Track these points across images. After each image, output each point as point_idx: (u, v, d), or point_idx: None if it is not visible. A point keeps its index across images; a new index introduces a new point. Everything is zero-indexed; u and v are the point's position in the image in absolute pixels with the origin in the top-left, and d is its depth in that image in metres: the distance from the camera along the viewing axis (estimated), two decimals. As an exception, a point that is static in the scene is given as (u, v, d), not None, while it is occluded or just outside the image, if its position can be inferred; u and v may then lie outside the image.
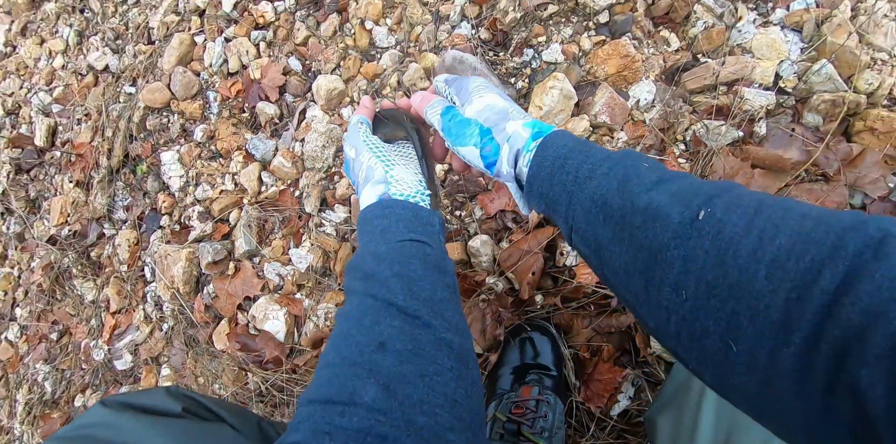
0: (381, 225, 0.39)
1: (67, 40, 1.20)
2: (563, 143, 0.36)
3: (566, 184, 0.34)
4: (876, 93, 0.66)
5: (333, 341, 0.34)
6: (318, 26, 0.84)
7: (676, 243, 0.27)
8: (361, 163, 0.45)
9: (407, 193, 0.42)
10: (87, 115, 1.11)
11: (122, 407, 0.41)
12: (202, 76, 0.94)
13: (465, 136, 0.41)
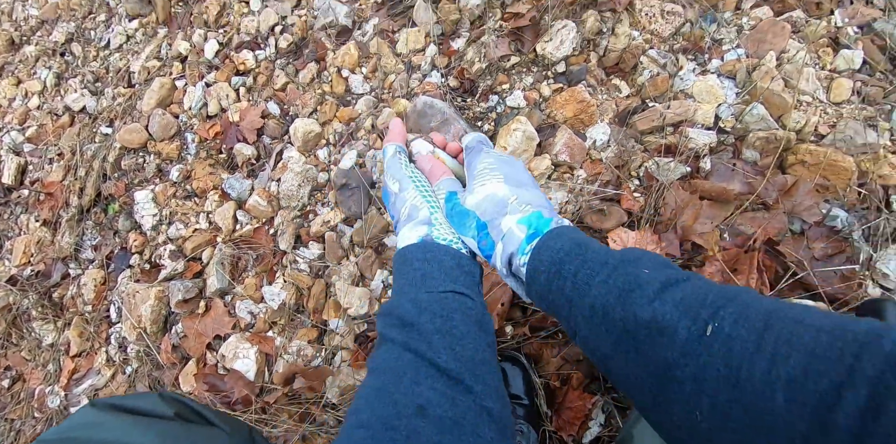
0: (423, 270, 0.38)
1: (45, 82, 1.24)
2: (558, 246, 0.35)
3: (564, 290, 0.34)
4: (803, 130, 0.75)
5: (368, 396, 0.32)
6: (297, 73, 0.91)
7: (685, 360, 0.26)
8: (405, 200, 0.44)
9: (450, 238, 0.41)
10: (60, 154, 1.13)
11: (112, 409, 0.41)
12: (181, 118, 0.98)
13: (464, 226, 0.42)
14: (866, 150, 0.73)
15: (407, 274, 0.39)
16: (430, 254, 0.39)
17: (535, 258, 0.36)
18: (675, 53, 0.79)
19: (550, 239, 0.36)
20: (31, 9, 1.39)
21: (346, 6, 0.91)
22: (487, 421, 0.31)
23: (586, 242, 0.36)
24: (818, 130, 0.75)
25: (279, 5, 0.98)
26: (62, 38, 1.26)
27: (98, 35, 1.22)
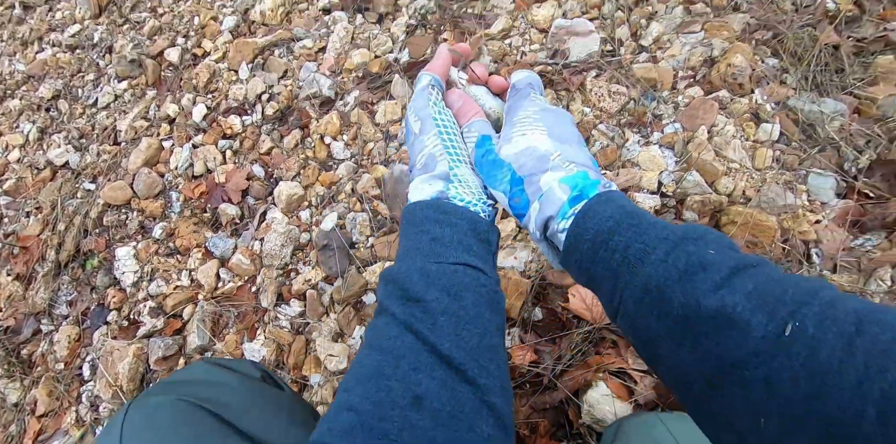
0: (434, 233, 0.35)
1: (28, 136, 1.28)
2: (607, 213, 0.32)
3: (611, 263, 0.31)
4: (733, 193, 0.86)
5: (361, 375, 0.31)
6: (282, 139, 0.99)
7: (758, 361, 0.23)
8: (424, 145, 0.40)
9: (468, 199, 0.38)
10: (38, 208, 1.16)
11: (219, 366, 0.52)
12: (166, 177, 1.04)
13: (494, 178, 0.38)
14: (787, 210, 0.85)
15: (415, 237, 0.36)
16: (444, 215, 0.36)
17: (578, 224, 0.32)
18: (621, 127, 0.91)
19: (598, 204, 0.32)
20: (17, 64, 1.46)
21: (329, 79, 1.01)
22: (487, 415, 0.30)
23: (638, 211, 0.32)
24: (745, 194, 0.87)
25: (266, 75, 1.07)
26: (49, 94, 1.32)
27: (86, 93, 1.28)
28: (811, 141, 0.93)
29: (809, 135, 0.94)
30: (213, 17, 1.23)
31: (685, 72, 0.95)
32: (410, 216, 0.37)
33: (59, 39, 1.44)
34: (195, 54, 1.19)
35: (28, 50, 1.47)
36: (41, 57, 1.43)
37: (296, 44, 1.10)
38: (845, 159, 0.91)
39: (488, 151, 0.39)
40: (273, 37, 1.10)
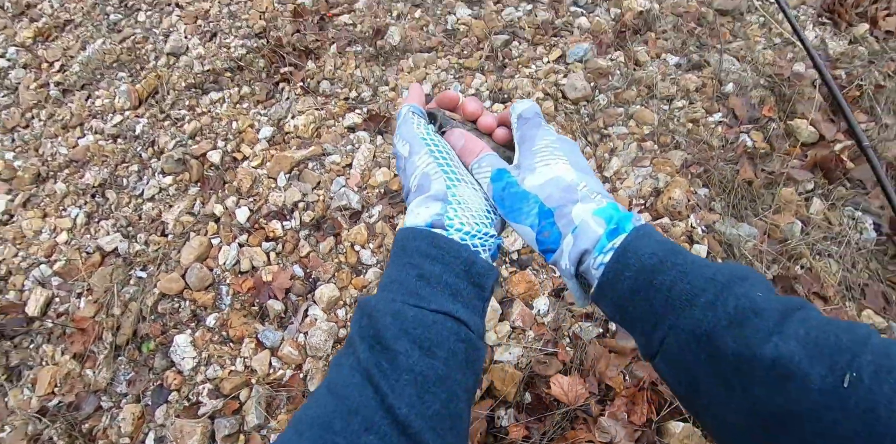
0: (423, 268, 0.34)
1: (75, 220, 1.46)
2: (649, 250, 0.31)
3: (654, 304, 0.30)
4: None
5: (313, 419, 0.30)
6: (318, 244, 1.23)
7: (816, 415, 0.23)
8: (416, 166, 0.40)
9: (468, 229, 0.36)
10: (89, 290, 1.34)
11: None
12: (215, 271, 1.25)
13: (520, 212, 0.37)
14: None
15: (402, 269, 0.35)
16: (437, 251, 0.35)
17: (618, 260, 0.32)
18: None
19: (638, 239, 0.32)
20: (60, 147, 1.64)
21: (356, 194, 1.26)
22: None
23: (678, 247, 0.32)
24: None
25: (302, 185, 1.31)
26: (94, 182, 1.51)
27: (131, 184, 1.48)
28: (731, 258, 1.24)
29: (730, 253, 1.25)
30: (251, 125, 1.47)
31: (638, 200, 1.25)
32: (402, 243, 0.36)
33: (101, 127, 1.64)
34: (235, 157, 1.42)
35: (69, 134, 1.66)
36: (83, 143, 1.62)
37: (326, 158, 1.35)
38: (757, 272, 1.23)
39: (509, 184, 0.38)
40: (307, 152, 1.34)
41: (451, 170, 0.39)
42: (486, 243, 0.37)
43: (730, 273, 0.29)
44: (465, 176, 0.40)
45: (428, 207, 0.37)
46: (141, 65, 1.81)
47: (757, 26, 1.71)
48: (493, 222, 0.39)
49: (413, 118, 0.43)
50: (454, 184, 0.38)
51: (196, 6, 1.92)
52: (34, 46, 2.10)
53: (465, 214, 0.37)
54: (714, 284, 0.29)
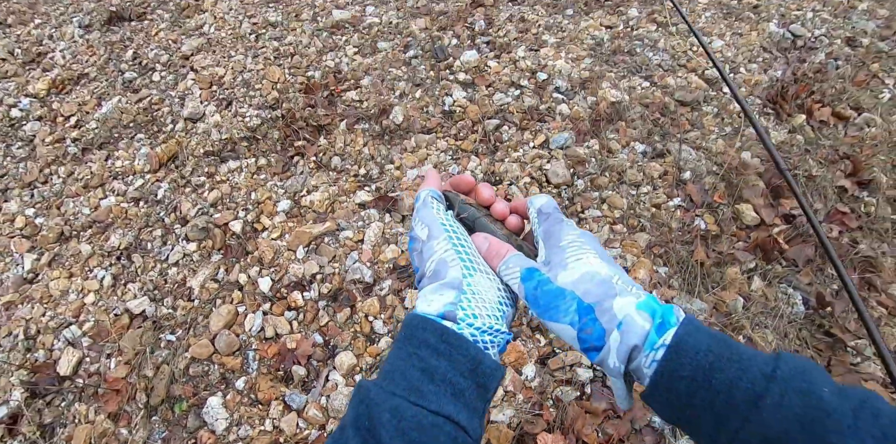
0: (429, 362, 0.34)
1: (102, 281, 1.60)
2: (704, 346, 0.31)
3: (715, 406, 0.30)
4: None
5: None
6: (335, 314, 1.42)
7: None
8: (433, 251, 0.41)
9: (479, 324, 0.36)
10: (120, 351, 1.48)
11: None
12: (242, 338, 1.42)
13: (557, 310, 0.36)
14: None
15: (407, 359, 0.35)
16: (445, 346, 0.35)
17: (672, 359, 0.31)
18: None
19: (689, 335, 0.32)
20: (82, 207, 1.77)
21: (368, 269, 1.46)
22: None
23: (729, 339, 0.32)
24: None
25: (319, 258, 1.51)
26: (119, 244, 1.65)
27: (155, 248, 1.63)
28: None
29: (683, 322, 1.51)
30: (269, 197, 1.65)
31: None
32: (411, 331, 0.36)
33: (123, 189, 1.78)
34: (255, 228, 1.60)
35: (91, 194, 1.79)
36: (105, 204, 1.76)
37: (340, 233, 1.55)
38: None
39: (542, 282, 0.37)
40: (323, 228, 1.54)
41: (468, 258, 0.40)
42: (495, 340, 0.37)
43: (789, 368, 0.29)
44: (482, 266, 0.41)
45: (442, 294, 0.38)
46: (158, 127, 1.96)
47: (711, 116, 2.02)
48: (505, 314, 0.39)
49: (433, 203, 0.45)
50: (470, 273, 0.39)
51: (210, 71, 2.10)
52: (48, 99, 2.22)
53: (478, 305, 0.37)
54: (776, 382, 0.29)
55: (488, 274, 0.41)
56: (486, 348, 0.37)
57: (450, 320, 0.37)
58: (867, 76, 2.23)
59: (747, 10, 2.54)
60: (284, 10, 2.47)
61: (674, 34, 2.35)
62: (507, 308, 0.40)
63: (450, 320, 0.37)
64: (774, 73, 2.24)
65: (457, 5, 2.48)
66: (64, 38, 2.63)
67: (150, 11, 2.71)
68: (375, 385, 0.34)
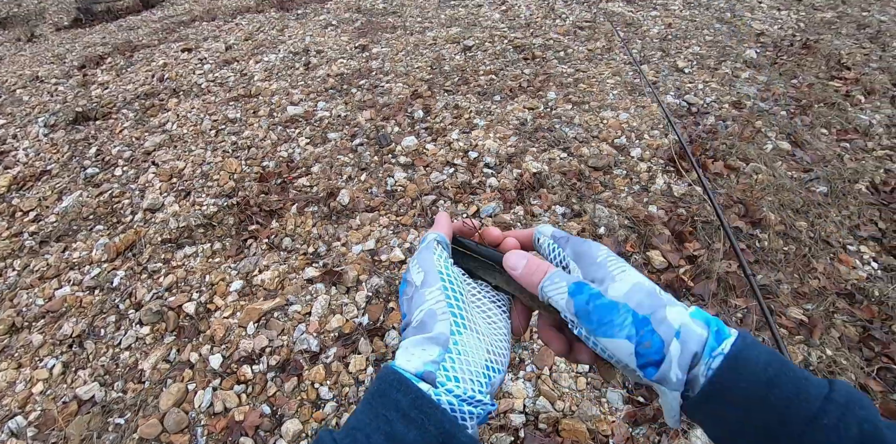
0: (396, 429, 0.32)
1: (51, 370, 1.68)
2: (764, 360, 0.31)
3: (770, 423, 0.30)
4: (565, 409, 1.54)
5: None
6: (283, 384, 1.54)
7: None
8: (424, 299, 0.39)
9: (459, 392, 0.34)
10: (65, 440, 1.53)
11: None
12: (191, 414, 1.51)
13: (611, 325, 0.34)
14: (594, 417, 1.53)
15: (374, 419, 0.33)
16: (417, 413, 0.32)
17: (732, 368, 0.31)
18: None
19: (748, 347, 0.32)
20: (36, 298, 1.89)
21: (315, 339, 1.62)
22: None
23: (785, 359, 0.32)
24: (572, 409, 1.56)
25: (268, 332, 1.65)
26: (72, 332, 1.76)
27: (109, 334, 1.74)
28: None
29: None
30: (222, 278, 1.82)
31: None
32: (383, 387, 0.34)
33: (79, 279, 1.92)
34: (208, 308, 1.75)
35: (46, 285, 1.92)
36: (60, 293, 1.88)
37: (289, 308, 1.71)
38: (627, 379, 1.66)
39: (593, 296, 0.36)
40: (273, 304, 1.70)
41: (460, 314, 0.38)
42: (475, 411, 0.35)
43: (845, 393, 0.30)
44: (474, 323, 0.39)
45: (424, 349, 0.36)
46: (118, 218, 2.15)
47: (621, 178, 2.36)
48: (490, 381, 0.37)
49: (437, 248, 0.43)
50: (460, 330, 0.37)
51: (171, 164, 2.35)
52: (8, 195, 2.40)
53: (462, 368, 0.35)
54: (834, 405, 0.29)
55: (479, 334, 0.39)
56: (464, 420, 0.34)
57: (428, 382, 0.35)
58: (752, 132, 2.67)
59: (647, 87, 3.03)
60: (243, 108, 2.81)
61: (587, 111, 2.78)
62: (494, 374, 0.38)
63: (428, 383, 0.35)
64: (673, 136, 2.65)
65: (398, 97, 2.88)
66: (28, 137, 2.87)
67: (116, 111, 3.01)
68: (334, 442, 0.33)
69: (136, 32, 4.96)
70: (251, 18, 4.83)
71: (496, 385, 0.38)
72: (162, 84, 3.42)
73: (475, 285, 0.45)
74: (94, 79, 3.69)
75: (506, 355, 0.40)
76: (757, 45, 3.44)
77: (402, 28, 4.04)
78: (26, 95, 3.56)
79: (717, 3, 4.05)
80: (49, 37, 5.39)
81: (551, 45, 3.45)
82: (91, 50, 4.45)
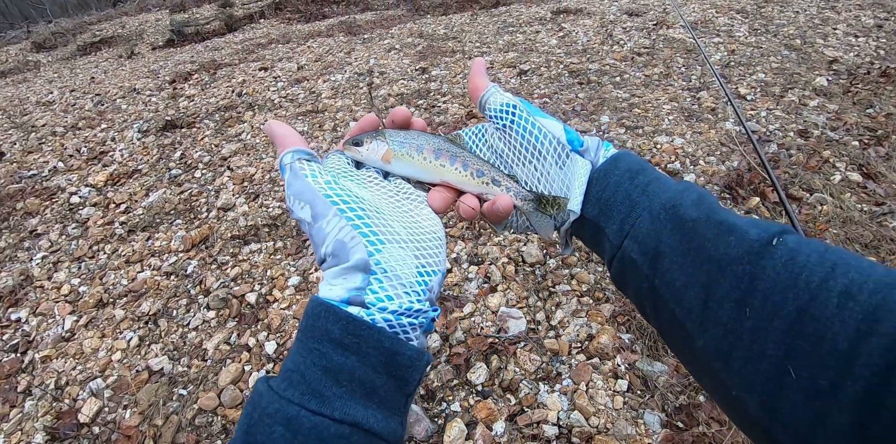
0: (332, 359, 0.31)
1: (129, 342, 1.92)
2: (635, 160, 0.44)
3: (632, 194, 0.40)
4: (599, 426, 1.58)
5: None
6: (329, 372, 1.68)
7: (749, 258, 0.31)
8: (325, 232, 0.36)
9: (394, 307, 0.33)
10: (136, 403, 1.74)
11: None
12: (245, 393, 1.68)
13: (545, 114, 0.45)
14: (630, 437, 1.57)
15: (308, 355, 0.32)
16: (352, 339, 0.31)
17: (610, 163, 0.44)
18: (537, 381, 1.66)
19: (628, 154, 0.45)
20: (121, 279, 2.16)
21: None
22: None
23: (651, 166, 0.44)
24: (606, 426, 1.60)
25: (320, 323, 1.82)
26: (149, 311, 2.00)
27: (179, 315, 1.98)
28: (647, 390, 1.71)
29: (647, 386, 1.72)
30: (282, 274, 2.02)
31: (576, 343, 1.76)
32: (311, 320, 0.33)
33: (158, 265, 2.19)
34: (268, 299, 1.95)
35: (130, 268, 2.20)
36: (141, 276, 2.15)
37: (340, 302, 1.87)
38: (667, 402, 1.68)
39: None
40: (326, 296, 1.88)
41: (371, 230, 0.35)
42: (415, 322, 0.34)
43: (690, 183, 0.40)
44: (392, 233, 0.36)
45: (346, 278, 0.34)
46: (195, 214, 2.43)
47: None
48: (427, 286, 0.36)
49: (304, 168, 0.38)
50: (377, 247, 0.35)
51: (243, 170, 2.63)
52: (105, 189, 2.77)
53: (392, 284, 0.34)
54: (682, 183, 0.40)
55: (401, 242, 0.36)
56: (406, 333, 0.34)
57: (356, 304, 0.33)
58: (819, 161, 2.63)
59: (706, 113, 3.07)
60: (310, 122, 3.10)
61: (640, 135, 2.85)
62: (429, 277, 0.36)
63: (356, 306, 0.33)
64: (731, 163, 2.66)
65: (454, 117, 3.07)
66: (124, 140, 3.29)
67: (199, 121, 3.40)
68: (269, 390, 0.31)
69: (219, 52, 5.54)
70: (321, 42, 5.28)
71: (436, 287, 0.37)
72: (240, 98, 3.82)
73: (388, 184, 0.43)
74: (182, 92, 4.17)
75: (439, 253, 0.38)
76: (829, 72, 3.40)
77: (461, 52, 4.30)
78: (125, 104, 4.07)
79: (786, 29, 4.04)
80: (146, 54, 6.11)
81: (607, 71, 3.57)
82: (181, 67, 5.01)
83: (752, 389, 0.29)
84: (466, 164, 0.45)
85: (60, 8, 11.49)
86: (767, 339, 0.28)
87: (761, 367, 0.28)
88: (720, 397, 0.32)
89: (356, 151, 0.44)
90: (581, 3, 5.43)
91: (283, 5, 7.46)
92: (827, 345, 0.25)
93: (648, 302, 0.38)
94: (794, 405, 0.26)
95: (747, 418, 0.30)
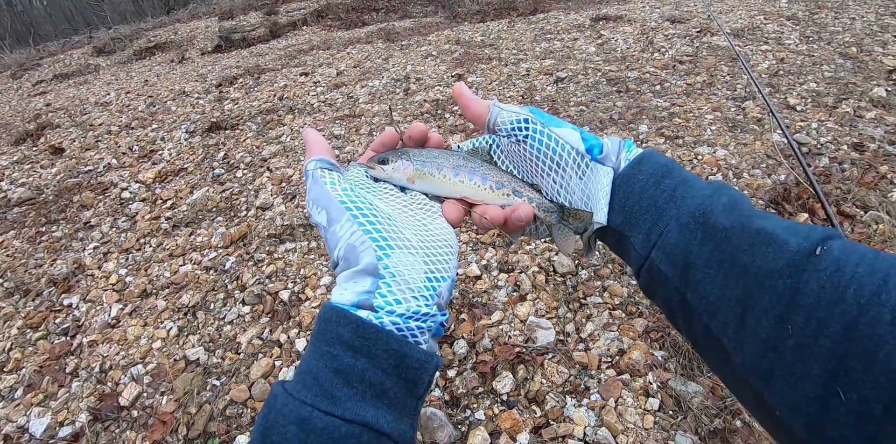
0: (343, 361, 0.32)
1: (169, 332, 2.00)
2: (661, 161, 0.40)
3: (658, 200, 0.38)
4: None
5: None
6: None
7: (790, 271, 0.28)
8: (338, 236, 0.37)
9: (402, 310, 0.34)
10: (172, 390, 1.81)
11: None
12: (275, 387, 1.72)
13: (560, 122, 0.43)
14: (660, 459, 1.51)
15: (320, 358, 0.33)
16: (362, 342, 0.33)
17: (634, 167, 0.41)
18: (563, 394, 1.64)
19: (652, 154, 0.42)
20: (165, 271, 2.26)
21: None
22: None
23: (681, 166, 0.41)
24: (636, 444, 1.55)
25: (350, 323, 1.84)
26: (189, 303, 2.08)
27: (216, 308, 2.05)
28: (680, 411, 1.65)
29: (679, 406, 1.66)
30: (314, 273, 2.06)
31: (606, 358, 1.72)
32: (324, 325, 0.34)
33: (199, 259, 2.27)
34: (300, 297, 1.99)
35: (174, 262, 2.29)
36: (183, 270, 2.24)
37: (370, 303, 1.90)
38: (701, 425, 1.62)
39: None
40: (357, 297, 1.90)
41: (381, 236, 0.36)
42: (424, 326, 0.35)
43: (720, 183, 0.38)
44: (402, 239, 0.37)
45: (356, 282, 0.35)
46: (235, 212, 2.52)
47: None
48: (435, 291, 0.37)
49: (325, 176, 0.41)
50: (387, 252, 0.36)
51: (282, 171, 2.71)
52: (153, 185, 2.90)
53: (400, 289, 0.35)
54: (711, 186, 0.38)
55: (411, 248, 0.37)
56: (415, 337, 0.35)
57: (366, 308, 0.35)
58: (875, 177, 2.49)
59: (752, 124, 2.97)
60: (347, 126, 3.17)
61: (680, 146, 2.78)
62: (438, 283, 0.37)
63: (366, 310, 0.34)
64: (778, 177, 2.56)
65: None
66: (172, 140, 3.44)
67: (242, 123, 3.53)
68: (284, 392, 0.32)
69: (263, 58, 5.74)
70: (361, 48, 5.40)
71: (445, 293, 0.38)
72: (281, 102, 3.94)
73: (405, 197, 0.45)
74: (227, 95, 4.34)
75: (449, 260, 0.39)
76: (888, 82, 3.24)
77: (498, 59, 4.31)
78: (174, 105, 4.26)
79: (841, 37, 3.87)
80: (195, 59, 6.39)
81: (647, 79, 3.50)
82: (227, 71, 5.22)
83: (796, 410, 0.27)
84: (485, 177, 0.45)
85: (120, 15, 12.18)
86: (812, 358, 0.26)
87: (806, 388, 0.26)
88: (762, 416, 0.31)
89: (381, 169, 0.46)
90: (621, 9, 5.36)
91: (325, 13, 7.67)
92: (880, 365, 0.24)
93: (680, 315, 0.36)
94: (842, 429, 0.25)
95: (793, 440, 0.28)
